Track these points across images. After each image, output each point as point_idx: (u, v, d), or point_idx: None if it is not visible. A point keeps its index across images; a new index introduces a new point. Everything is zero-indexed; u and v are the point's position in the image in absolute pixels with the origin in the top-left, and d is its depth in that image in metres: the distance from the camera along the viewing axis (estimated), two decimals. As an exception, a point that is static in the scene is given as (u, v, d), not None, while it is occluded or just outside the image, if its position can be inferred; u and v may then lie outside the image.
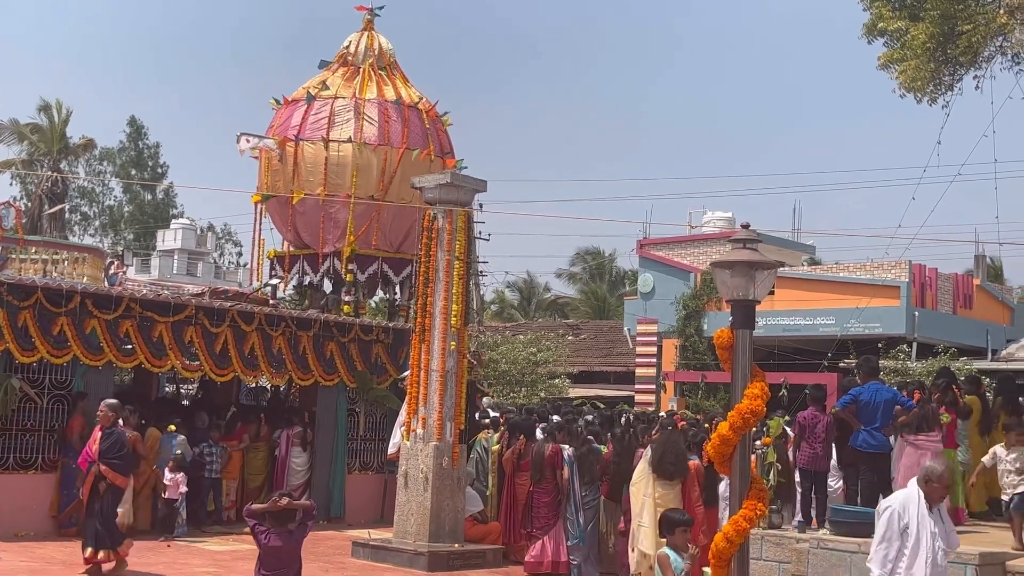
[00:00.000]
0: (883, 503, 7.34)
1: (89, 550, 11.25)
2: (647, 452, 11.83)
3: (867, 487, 11.50)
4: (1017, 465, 10.96)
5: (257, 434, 17.28)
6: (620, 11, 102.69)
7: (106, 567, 11.35)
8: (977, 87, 14.88)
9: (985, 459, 11.42)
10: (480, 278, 29.49)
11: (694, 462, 11.87)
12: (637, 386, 30.43)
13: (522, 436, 13.91)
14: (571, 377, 32.39)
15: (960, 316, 28.24)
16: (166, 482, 14.68)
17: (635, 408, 25.45)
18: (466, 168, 19.75)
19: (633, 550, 11.68)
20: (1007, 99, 14.67)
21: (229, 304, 16.41)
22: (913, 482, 7.37)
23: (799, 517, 11.88)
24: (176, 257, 58.67)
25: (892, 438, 11.78)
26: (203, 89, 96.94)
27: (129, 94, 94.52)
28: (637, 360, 30.87)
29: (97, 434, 11.37)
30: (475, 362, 20.55)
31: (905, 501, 7.08)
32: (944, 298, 28.00)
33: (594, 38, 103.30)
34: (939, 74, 14.70)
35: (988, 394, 13.65)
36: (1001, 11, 13.82)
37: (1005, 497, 10.98)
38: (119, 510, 11.27)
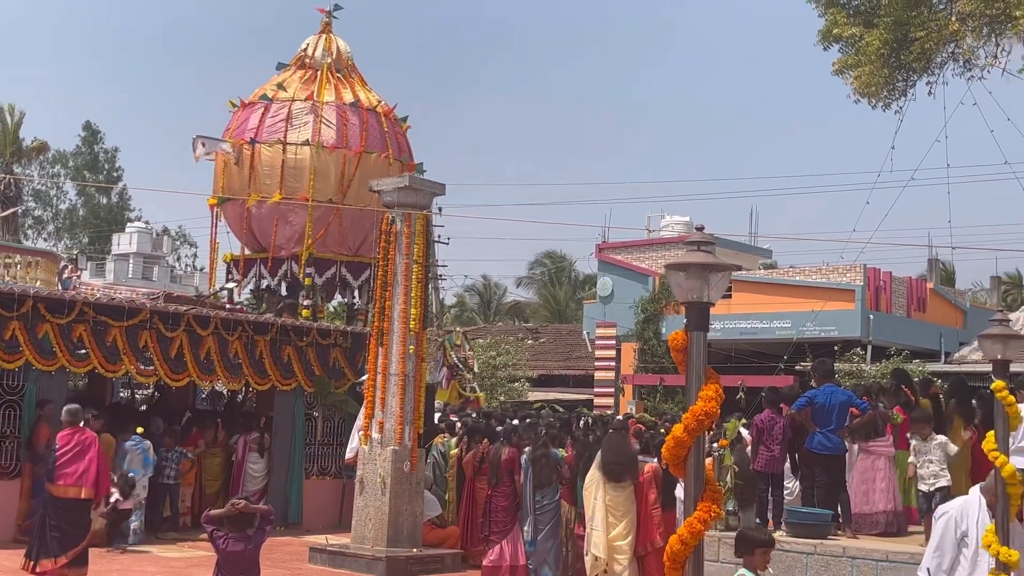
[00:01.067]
0: (940, 509, 7.17)
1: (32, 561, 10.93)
2: (597, 455, 11.87)
3: (822, 489, 11.59)
4: (939, 454, 11.08)
5: (214, 439, 17.12)
6: (581, 16, 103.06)
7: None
8: (930, 93, 15.04)
9: (911, 459, 11.55)
10: (440, 282, 29.45)
11: (652, 465, 11.90)
12: (596, 389, 30.53)
13: (485, 440, 13.91)
14: (531, 381, 32.43)
15: (914, 319, 28.60)
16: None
17: (594, 411, 25.51)
18: (425, 172, 19.72)
19: (587, 553, 11.70)
20: (959, 105, 14.85)
21: (184, 308, 16.26)
22: (975, 488, 7.19)
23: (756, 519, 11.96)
24: (132, 261, 58.06)
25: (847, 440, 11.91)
26: (160, 92, 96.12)
27: (85, 97, 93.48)
28: (596, 363, 30.97)
29: None
30: (461, 366, 20.54)
31: (964, 507, 6.87)
32: (898, 301, 28.35)
33: (556, 43, 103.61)
34: (892, 80, 14.86)
35: (940, 396, 13.78)
36: (953, 18, 14.01)
37: (924, 488, 11.05)
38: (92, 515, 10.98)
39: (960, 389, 13.22)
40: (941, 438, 11.33)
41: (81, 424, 11.35)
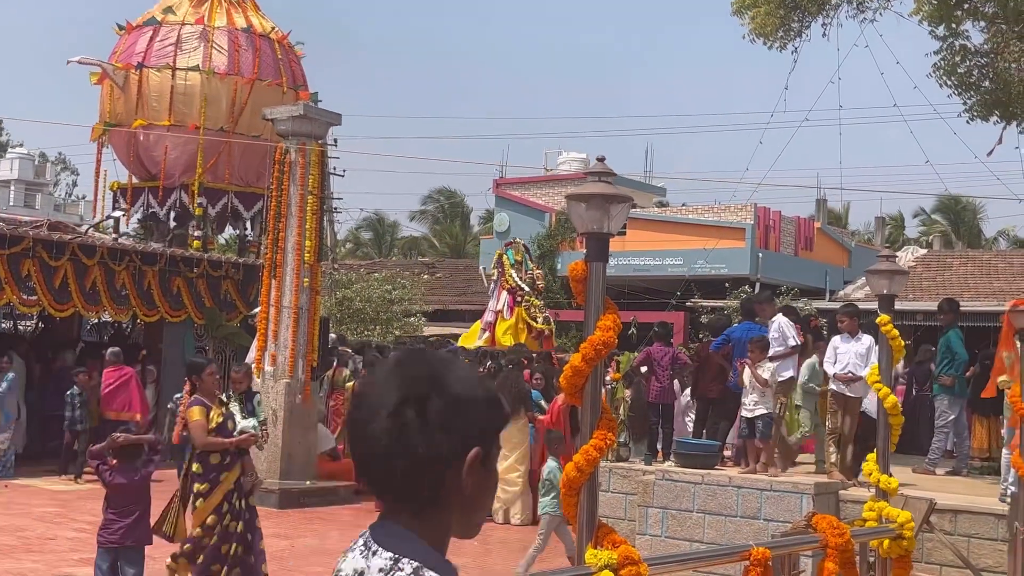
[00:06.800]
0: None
1: None
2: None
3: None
4: (756, 384, 10.92)
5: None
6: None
7: None
8: (824, 35, 15.27)
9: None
10: (335, 215, 28.99)
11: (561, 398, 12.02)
12: (491, 324, 30.61)
13: None
14: (426, 315, 32.35)
15: (801, 258, 29.34)
16: None
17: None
18: (321, 101, 19.32)
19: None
20: (852, 47, 15.12)
21: (69, 236, 15.75)
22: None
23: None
24: (13, 188, 55.97)
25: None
26: (41, 13, 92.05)
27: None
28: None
29: None
30: (527, 289, 18.01)
31: None
32: (787, 240, 29.02)
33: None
34: (788, 20, 15.02)
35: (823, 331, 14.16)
36: (848, -41, 14.20)
37: (747, 414, 10.83)
38: None
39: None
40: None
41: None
